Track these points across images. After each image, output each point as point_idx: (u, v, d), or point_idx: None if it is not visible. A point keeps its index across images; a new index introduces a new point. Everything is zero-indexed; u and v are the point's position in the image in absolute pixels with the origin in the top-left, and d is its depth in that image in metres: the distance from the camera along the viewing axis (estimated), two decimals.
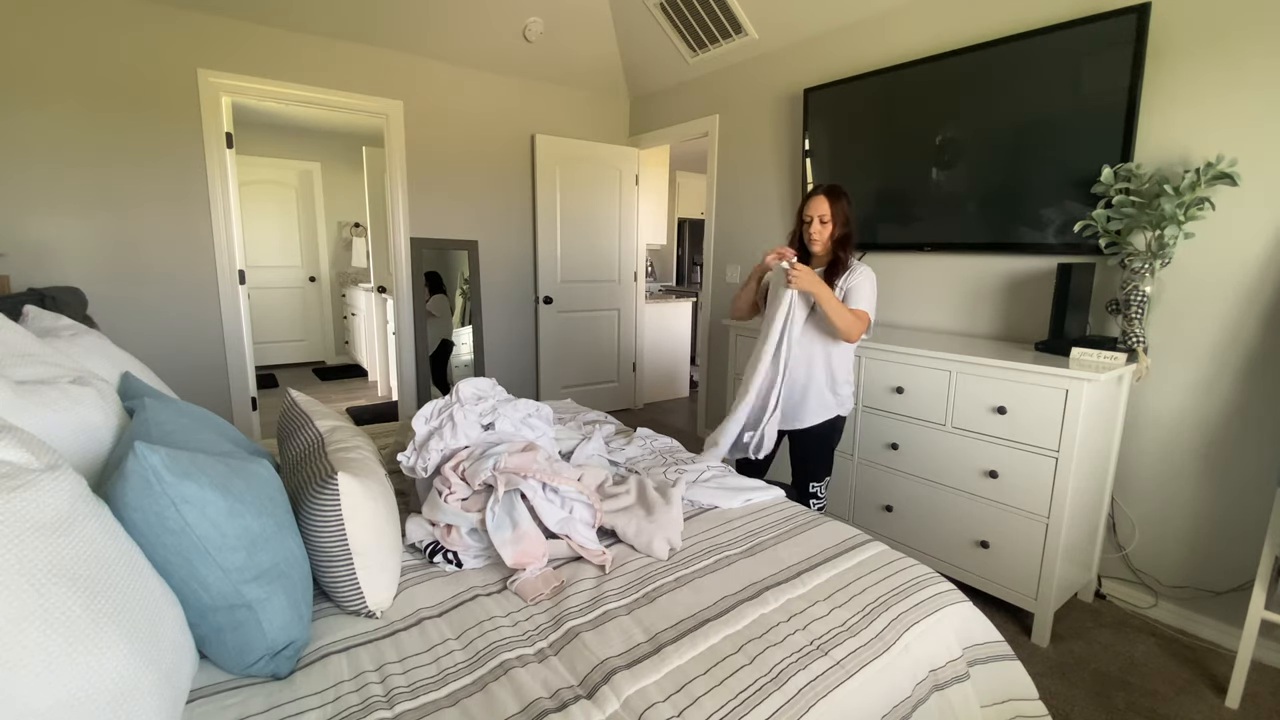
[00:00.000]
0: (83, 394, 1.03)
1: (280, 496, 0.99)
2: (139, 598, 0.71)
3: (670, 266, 6.44)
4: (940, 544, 2.12)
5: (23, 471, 0.65)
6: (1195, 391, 1.92)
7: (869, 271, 1.88)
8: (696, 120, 3.76)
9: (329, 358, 6.13)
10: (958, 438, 2.03)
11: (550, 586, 1.16)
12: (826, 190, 1.89)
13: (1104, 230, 1.92)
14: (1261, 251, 1.77)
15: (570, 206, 4.10)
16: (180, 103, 2.89)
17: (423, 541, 1.28)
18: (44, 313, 1.57)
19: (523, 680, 0.92)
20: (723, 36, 3.31)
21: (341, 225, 5.96)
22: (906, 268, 2.68)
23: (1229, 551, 1.88)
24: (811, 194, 1.91)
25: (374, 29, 3.23)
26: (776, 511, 1.53)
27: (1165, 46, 1.89)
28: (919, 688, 1.02)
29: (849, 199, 1.90)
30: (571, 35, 3.69)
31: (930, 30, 2.50)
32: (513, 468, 1.30)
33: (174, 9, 2.81)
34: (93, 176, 2.75)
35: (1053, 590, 1.85)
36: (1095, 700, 1.67)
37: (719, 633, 1.04)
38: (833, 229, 1.89)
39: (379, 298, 4.59)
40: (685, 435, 3.96)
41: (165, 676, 0.70)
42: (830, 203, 1.87)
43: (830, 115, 2.85)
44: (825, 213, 1.87)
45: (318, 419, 1.32)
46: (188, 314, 3.04)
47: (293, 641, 0.91)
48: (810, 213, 1.89)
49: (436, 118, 3.60)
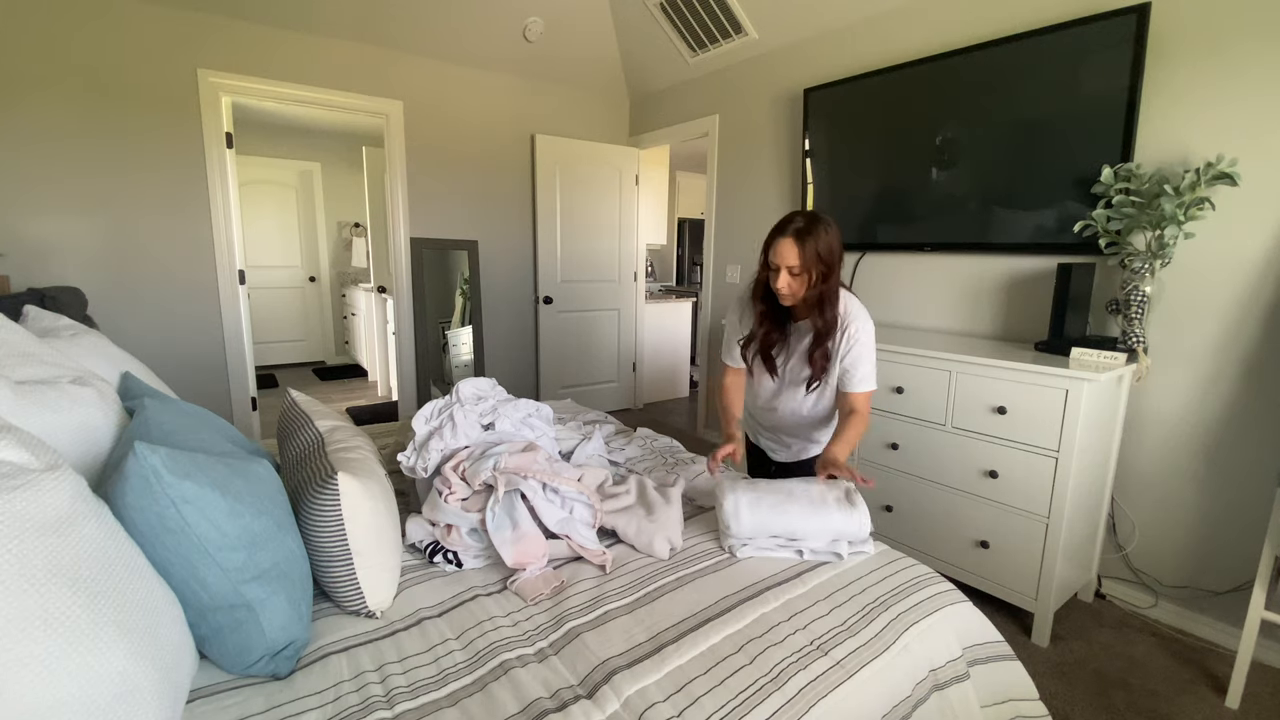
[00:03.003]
0: (83, 394, 1.03)
1: (280, 496, 0.99)
2: (139, 598, 0.71)
3: (670, 266, 6.44)
4: (940, 544, 2.12)
5: (23, 471, 0.65)
6: (1195, 391, 1.92)
7: (864, 322, 1.48)
8: (696, 120, 3.76)
9: (329, 358, 6.13)
10: (958, 438, 2.03)
11: (550, 586, 1.16)
12: (795, 231, 1.39)
13: (1104, 230, 1.92)
14: (1261, 251, 1.77)
15: (570, 206, 4.10)
16: (180, 103, 2.89)
17: (423, 541, 1.28)
18: (44, 313, 1.57)
19: (523, 680, 0.92)
20: (723, 36, 3.31)
21: (341, 225, 5.96)
22: (906, 268, 2.68)
23: (1229, 551, 1.88)
24: (776, 235, 1.43)
25: (374, 29, 3.23)
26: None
27: (1165, 46, 1.89)
28: (919, 688, 1.02)
29: (828, 231, 1.40)
30: (571, 35, 3.69)
31: (930, 30, 2.50)
32: (513, 468, 1.30)
33: (174, 9, 2.81)
34: (93, 176, 2.75)
35: (1052, 590, 1.85)
36: (1095, 700, 1.67)
37: (719, 632, 1.04)
38: (809, 281, 1.41)
39: (379, 298, 4.59)
40: (685, 435, 3.96)
41: (165, 676, 0.70)
42: (799, 248, 1.38)
43: (830, 115, 2.85)
44: (795, 264, 1.39)
45: (318, 419, 1.32)
46: (188, 314, 3.04)
47: (293, 641, 0.91)
48: (775, 261, 1.42)
49: (436, 118, 3.60)
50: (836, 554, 1.30)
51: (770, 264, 1.45)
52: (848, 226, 2.82)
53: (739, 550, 1.31)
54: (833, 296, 1.45)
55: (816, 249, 1.39)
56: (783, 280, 1.43)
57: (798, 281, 1.43)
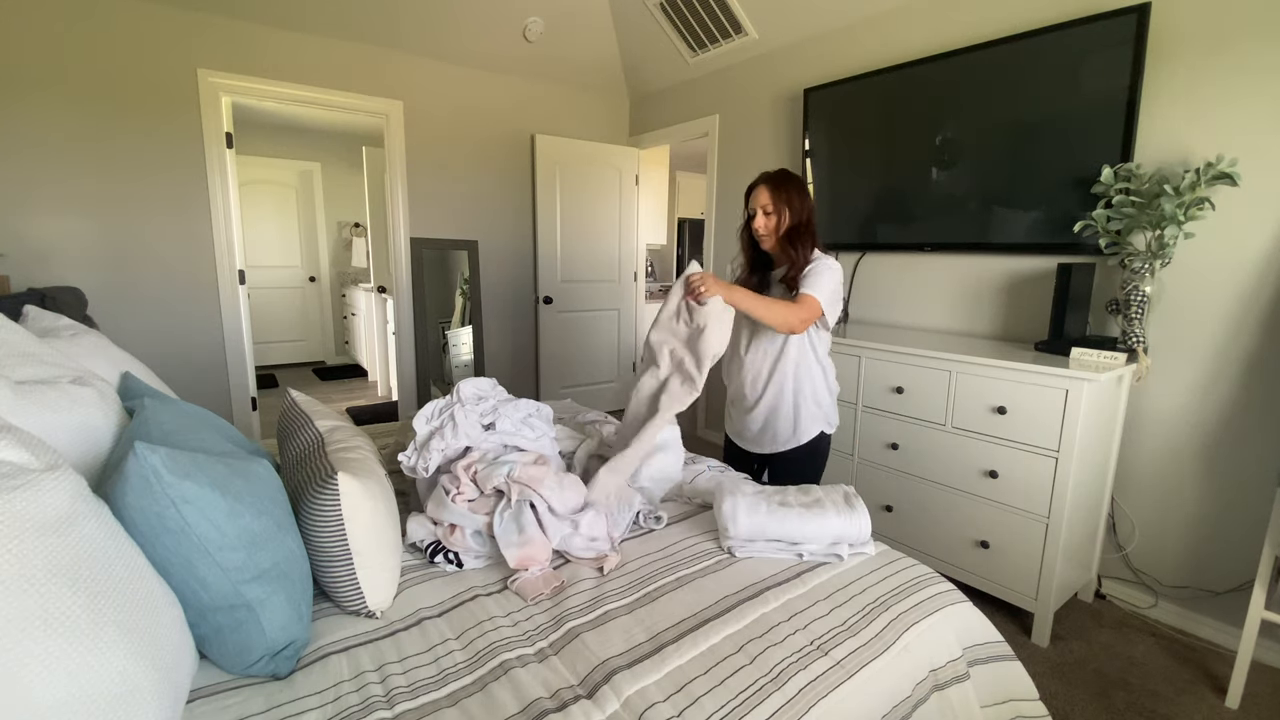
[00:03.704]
0: (83, 394, 1.03)
1: (280, 496, 0.99)
2: (139, 598, 0.71)
3: (670, 266, 6.44)
4: (940, 544, 2.12)
5: (23, 471, 0.65)
6: (1195, 391, 1.92)
7: (830, 261, 1.66)
8: (696, 120, 3.76)
9: (329, 358, 6.13)
10: (958, 438, 2.03)
11: (551, 586, 1.16)
12: (769, 177, 1.67)
13: (1104, 230, 1.92)
14: (1261, 251, 1.77)
15: (570, 206, 4.10)
16: (180, 103, 2.89)
17: (424, 541, 1.28)
18: (44, 313, 1.56)
19: (523, 680, 0.92)
20: (723, 36, 3.31)
21: (341, 225, 5.96)
22: (906, 268, 2.68)
23: (1229, 551, 1.88)
24: (752, 184, 1.70)
25: (374, 29, 3.23)
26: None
27: (1165, 46, 1.89)
28: (919, 688, 1.02)
29: (800, 187, 1.67)
30: (571, 35, 3.69)
31: (930, 30, 2.50)
32: (526, 479, 1.30)
33: (174, 9, 2.81)
34: (93, 176, 2.75)
35: (1053, 590, 1.85)
36: (1095, 700, 1.67)
37: (719, 632, 1.04)
38: (777, 220, 1.66)
39: (379, 298, 4.59)
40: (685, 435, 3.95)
41: (165, 676, 0.70)
42: (771, 191, 1.65)
43: (830, 115, 2.85)
44: (767, 203, 1.65)
45: (318, 419, 1.32)
46: (188, 314, 3.04)
47: (293, 641, 0.91)
48: (753, 205, 1.68)
49: (436, 118, 3.60)
50: (837, 555, 1.30)
51: (749, 209, 1.70)
52: (848, 226, 2.83)
53: (738, 551, 1.31)
54: (803, 239, 1.66)
55: (786, 192, 1.65)
56: (759, 220, 1.67)
57: (771, 221, 1.67)
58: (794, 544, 1.30)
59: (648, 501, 1.53)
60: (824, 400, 1.76)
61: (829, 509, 1.32)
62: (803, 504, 1.34)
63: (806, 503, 1.34)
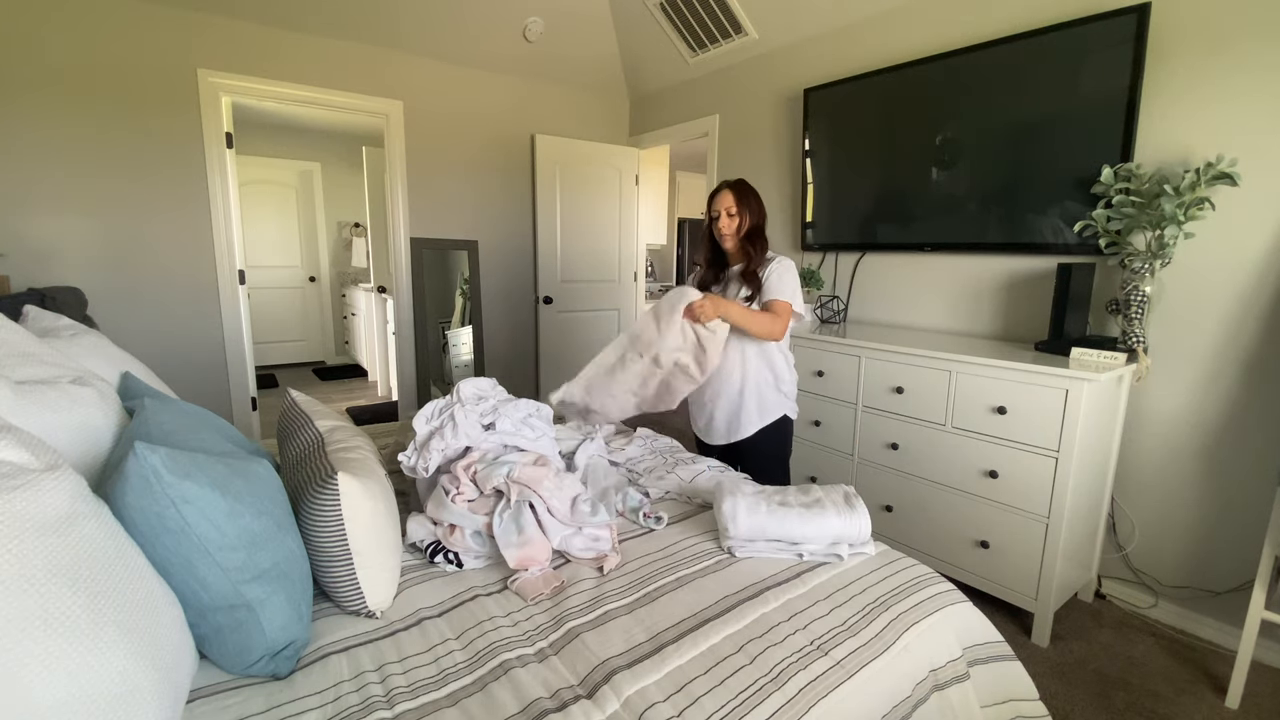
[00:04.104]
0: (83, 394, 1.03)
1: (280, 496, 0.99)
2: (139, 598, 0.71)
3: (670, 266, 6.44)
4: (940, 544, 2.12)
5: (23, 471, 0.65)
6: (1195, 391, 1.92)
7: (786, 261, 1.83)
8: (696, 120, 3.76)
9: (329, 358, 6.13)
10: (958, 437, 2.03)
11: (550, 586, 1.16)
12: (732, 185, 1.85)
13: (1104, 230, 1.92)
14: (1261, 251, 1.77)
15: (570, 206, 4.10)
16: (180, 103, 2.88)
17: (424, 541, 1.28)
18: (44, 313, 1.56)
19: (523, 680, 0.92)
20: (723, 36, 3.31)
21: (341, 225, 5.96)
22: (907, 268, 2.68)
23: (1229, 551, 1.88)
24: (717, 189, 1.87)
25: (374, 29, 3.23)
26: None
27: (1165, 46, 1.89)
28: (919, 688, 1.02)
29: (757, 194, 1.85)
30: (571, 35, 3.69)
31: (930, 30, 2.49)
32: (525, 480, 1.30)
33: (174, 9, 2.81)
34: (93, 176, 2.75)
35: (1053, 590, 1.85)
36: (1095, 700, 1.67)
37: (719, 632, 1.04)
38: (739, 222, 1.82)
39: (379, 298, 4.59)
40: (685, 435, 3.95)
41: (165, 676, 0.70)
42: (736, 196, 1.82)
43: (830, 115, 2.85)
44: (731, 205, 1.81)
45: (318, 419, 1.32)
46: (188, 314, 3.04)
47: (293, 641, 0.91)
48: (717, 207, 1.84)
49: (436, 118, 3.60)
50: (837, 555, 1.30)
51: (713, 212, 1.86)
52: (848, 226, 2.83)
53: (738, 551, 1.31)
54: (759, 239, 1.85)
55: (747, 197, 1.83)
56: (723, 221, 1.83)
57: (734, 222, 1.83)
58: (794, 544, 1.30)
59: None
60: (785, 384, 1.91)
61: (829, 509, 1.32)
62: (803, 504, 1.34)
63: (806, 503, 1.34)
